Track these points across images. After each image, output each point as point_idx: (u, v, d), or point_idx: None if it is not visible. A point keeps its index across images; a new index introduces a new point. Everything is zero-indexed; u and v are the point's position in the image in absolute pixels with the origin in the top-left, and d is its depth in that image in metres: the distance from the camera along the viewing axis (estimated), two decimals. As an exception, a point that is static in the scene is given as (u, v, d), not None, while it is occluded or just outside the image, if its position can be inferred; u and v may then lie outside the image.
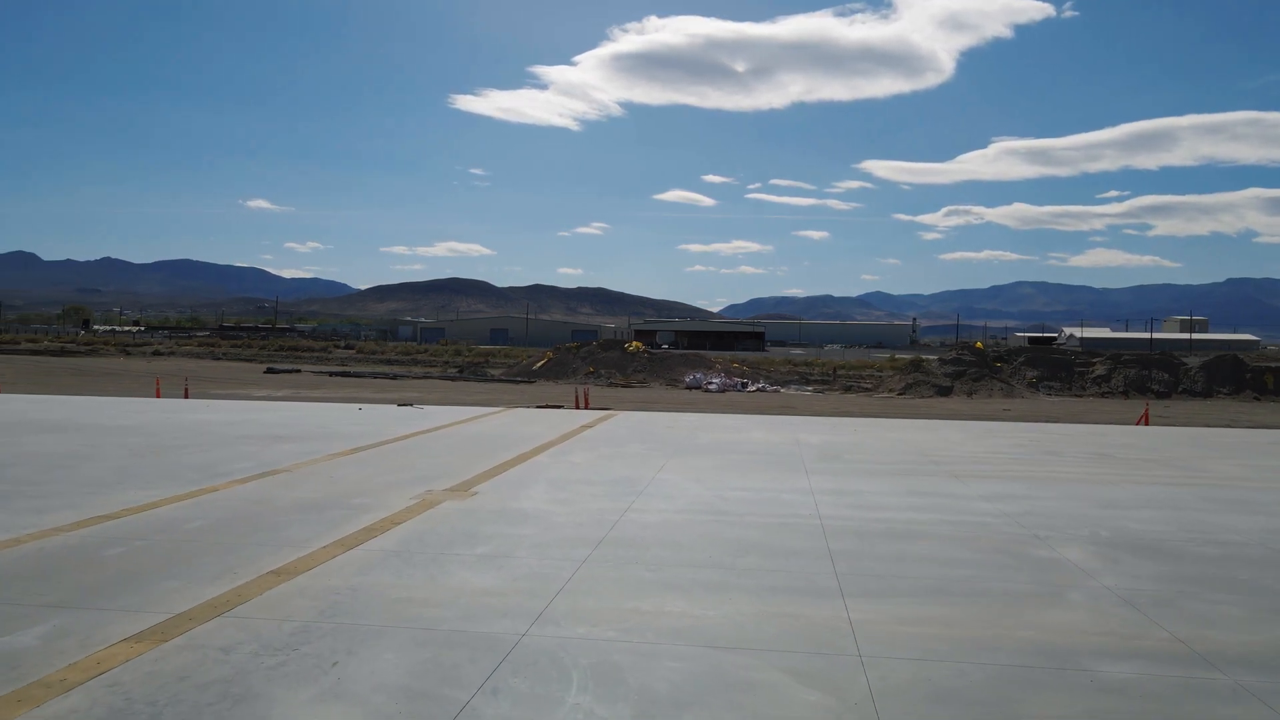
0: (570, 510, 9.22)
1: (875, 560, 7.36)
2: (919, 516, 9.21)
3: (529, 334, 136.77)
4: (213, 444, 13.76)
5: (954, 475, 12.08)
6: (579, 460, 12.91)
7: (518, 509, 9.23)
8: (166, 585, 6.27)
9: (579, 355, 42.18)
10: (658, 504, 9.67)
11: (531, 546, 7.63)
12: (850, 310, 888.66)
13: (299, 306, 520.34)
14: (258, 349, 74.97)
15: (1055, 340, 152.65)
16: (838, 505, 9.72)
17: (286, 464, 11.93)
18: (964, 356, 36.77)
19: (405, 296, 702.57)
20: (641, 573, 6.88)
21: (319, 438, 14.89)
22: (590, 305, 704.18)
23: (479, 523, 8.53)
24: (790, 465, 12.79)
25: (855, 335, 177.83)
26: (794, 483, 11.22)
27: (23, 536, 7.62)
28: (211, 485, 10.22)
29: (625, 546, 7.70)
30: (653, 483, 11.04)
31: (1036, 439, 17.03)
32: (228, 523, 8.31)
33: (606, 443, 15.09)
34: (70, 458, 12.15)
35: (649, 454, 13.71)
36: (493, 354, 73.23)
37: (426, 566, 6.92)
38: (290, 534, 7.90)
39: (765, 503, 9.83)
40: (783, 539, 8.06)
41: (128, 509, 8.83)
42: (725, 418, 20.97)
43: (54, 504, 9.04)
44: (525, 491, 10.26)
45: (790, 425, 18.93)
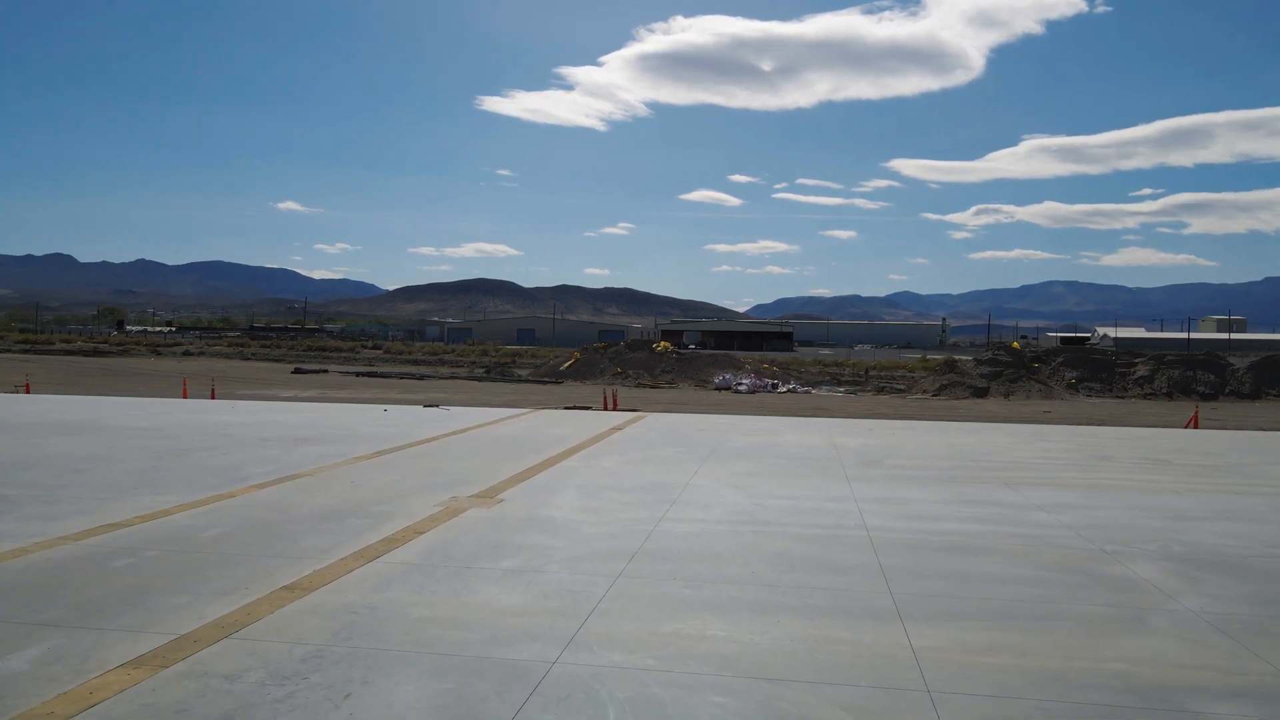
0: (602, 519, 8.74)
1: (932, 578, 6.81)
2: (973, 528, 8.63)
3: (555, 334, 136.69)
4: (234, 446, 13.44)
5: (1004, 482, 11.46)
6: (609, 465, 12.43)
7: (546, 518, 8.76)
8: (173, 602, 5.86)
9: (606, 356, 41.73)
10: (694, 513, 9.17)
11: (562, 560, 7.16)
12: (878, 310, 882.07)
13: (328, 307, 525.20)
14: (286, 349, 75.29)
15: (1088, 340, 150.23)
16: (885, 515, 9.16)
17: (308, 468, 11.55)
18: (1000, 357, 35.85)
19: (433, 297, 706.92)
20: (680, 590, 6.38)
21: (343, 440, 14.54)
22: (617, 305, 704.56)
23: (506, 533, 8.07)
24: (830, 471, 12.23)
25: (884, 335, 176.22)
26: (836, 490, 10.67)
27: (29, 546, 7.26)
28: (230, 490, 9.85)
29: (661, 560, 7.20)
30: (687, 489, 10.54)
31: (1086, 443, 16.32)
32: (243, 531, 7.91)
33: (637, 446, 14.61)
34: (89, 460, 11.86)
35: (681, 458, 13.21)
36: (519, 354, 73.04)
37: (450, 582, 6.46)
38: (307, 544, 7.48)
39: (807, 512, 9.29)
40: (829, 553, 7.52)
41: (141, 516, 8.46)
42: (758, 420, 20.41)
43: (66, 510, 8.70)
44: (554, 498, 9.79)
45: (826, 428, 18.34)
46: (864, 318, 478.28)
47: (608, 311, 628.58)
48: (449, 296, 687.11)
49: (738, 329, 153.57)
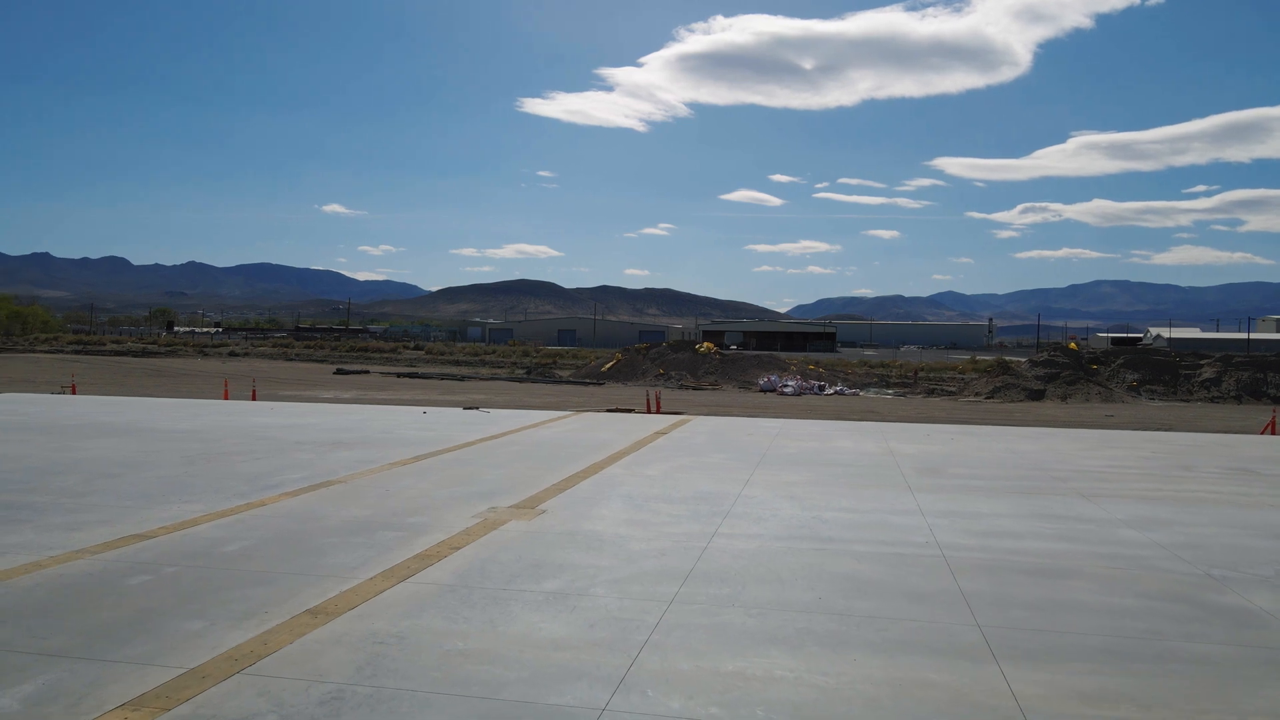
0: (650, 534, 8.13)
1: (1021, 607, 6.09)
2: (1057, 547, 7.87)
3: (596, 335, 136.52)
4: (268, 451, 13.06)
5: (1081, 494, 10.63)
6: (655, 473, 11.82)
7: (590, 532, 8.17)
8: (187, 628, 5.37)
9: (648, 357, 41.11)
10: (748, 527, 8.52)
11: (608, 582, 6.56)
12: (921, 310, 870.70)
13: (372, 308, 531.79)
14: (329, 350, 75.83)
15: (1140, 341, 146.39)
16: (957, 531, 8.43)
17: (341, 474, 11.10)
18: (1056, 358, 34.56)
19: (474, 298, 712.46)
20: (741, 619, 5.74)
21: (379, 444, 14.11)
22: (657, 306, 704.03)
23: (547, 549, 7.50)
24: (889, 480, 11.50)
25: (929, 336, 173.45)
26: (899, 501, 9.94)
27: (45, 560, 6.84)
28: (259, 499, 9.41)
29: (717, 582, 6.57)
30: (739, 500, 9.89)
31: (1160, 450, 15.35)
32: (268, 545, 7.43)
33: (683, 451, 13.98)
34: (121, 465, 11.54)
35: (731, 465, 12.56)
36: (560, 355, 72.76)
37: (486, 607, 5.89)
38: (335, 561, 6.97)
39: (871, 527, 8.59)
40: (902, 575, 6.83)
41: (165, 527, 8.04)
42: (807, 424, 19.66)
43: (89, 519, 8.31)
44: (598, 510, 9.21)
45: (879, 432, 17.55)
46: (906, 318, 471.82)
47: (648, 312, 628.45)
48: (490, 297, 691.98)
49: (780, 329, 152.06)
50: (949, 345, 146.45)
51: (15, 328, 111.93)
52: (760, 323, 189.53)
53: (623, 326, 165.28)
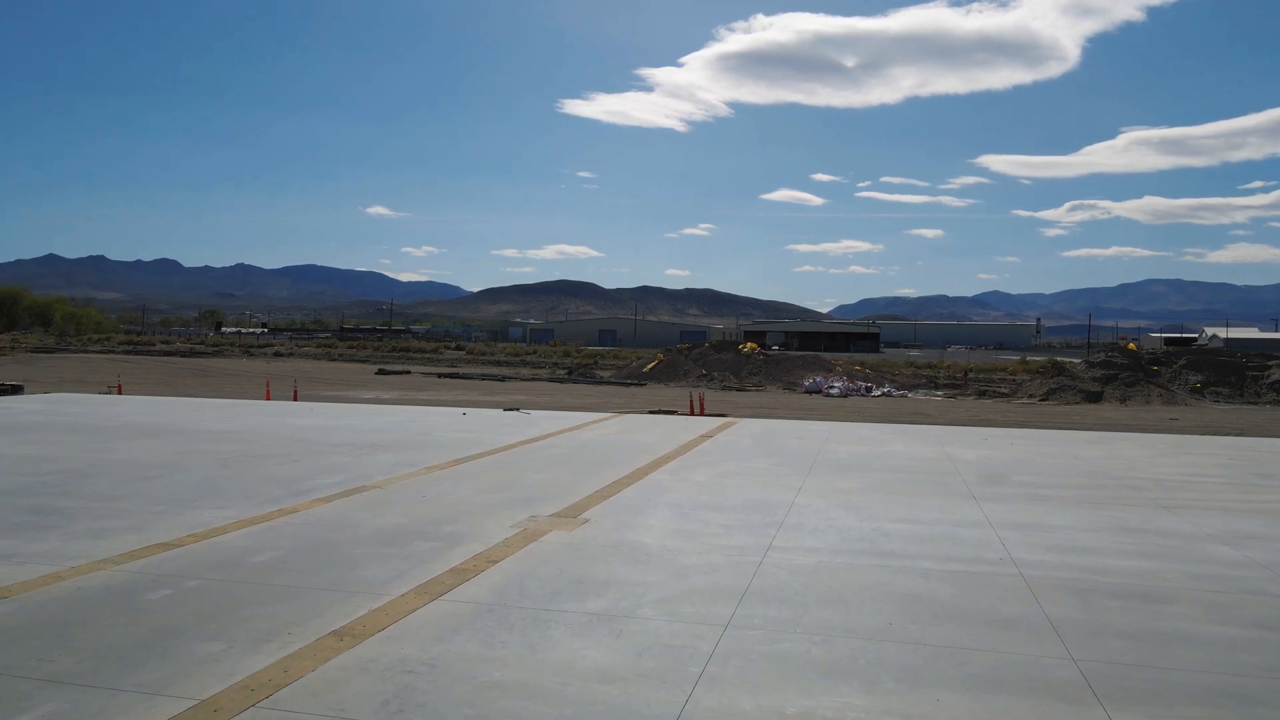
0: (699, 547, 7.62)
1: (1117, 636, 5.47)
2: (1146, 566, 7.20)
3: (637, 335, 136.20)
4: (305, 453, 12.77)
5: (1161, 505, 9.90)
6: (702, 479, 11.30)
7: (636, 544, 7.68)
8: (203, 650, 4.97)
9: (690, 357, 40.52)
10: (805, 539, 7.96)
11: (657, 601, 6.05)
12: (966, 310, 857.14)
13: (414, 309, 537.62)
14: (372, 350, 76.35)
15: (1195, 341, 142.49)
16: (1032, 546, 7.79)
17: (377, 479, 10.74)
18: (1114, 359, 33.31)
19: (515, 298, 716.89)
20: (805, 647, 5.20)
21: (417, 446, 13.76)
22: (697, 306, 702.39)
23: (591, 563, 7.02)
24: (950, 488, 10.85)
25: (974, 336, 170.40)
26: (964, 512, 9.31)
27: (64, 571, 6.52)
28: (292, 505, 9.06)
29: (776, 603, 6.03)
30: (793, 509, 9.33)
31: (1237, 456, 14.46)
32: (297, 556, 7.05)
33: (730, 456, 13.44)
34: (155, 468, 11.30)
35: (781, 471, 11.99)
36: (601, 355, 72.46)
37: (525, 630, 5.42)
38: (365, 574, 6.56)
39: (937, 540, 7.99)
40: (978, 597, 6.23)
41: (193, 534, 7.70)
42: (857, 427, 18.98)
43: (117, 526, 8.01)
44: (643, 519, 8.71)
45: (933, 436, 16.83)
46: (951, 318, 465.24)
47: (688, 312, 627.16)
48: (531, 298, 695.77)
49: (822, 330, 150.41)
50: (995, 346, 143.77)
51: (70, 328, 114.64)
52: (802, 323, 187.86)
53: (663, 327, 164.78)
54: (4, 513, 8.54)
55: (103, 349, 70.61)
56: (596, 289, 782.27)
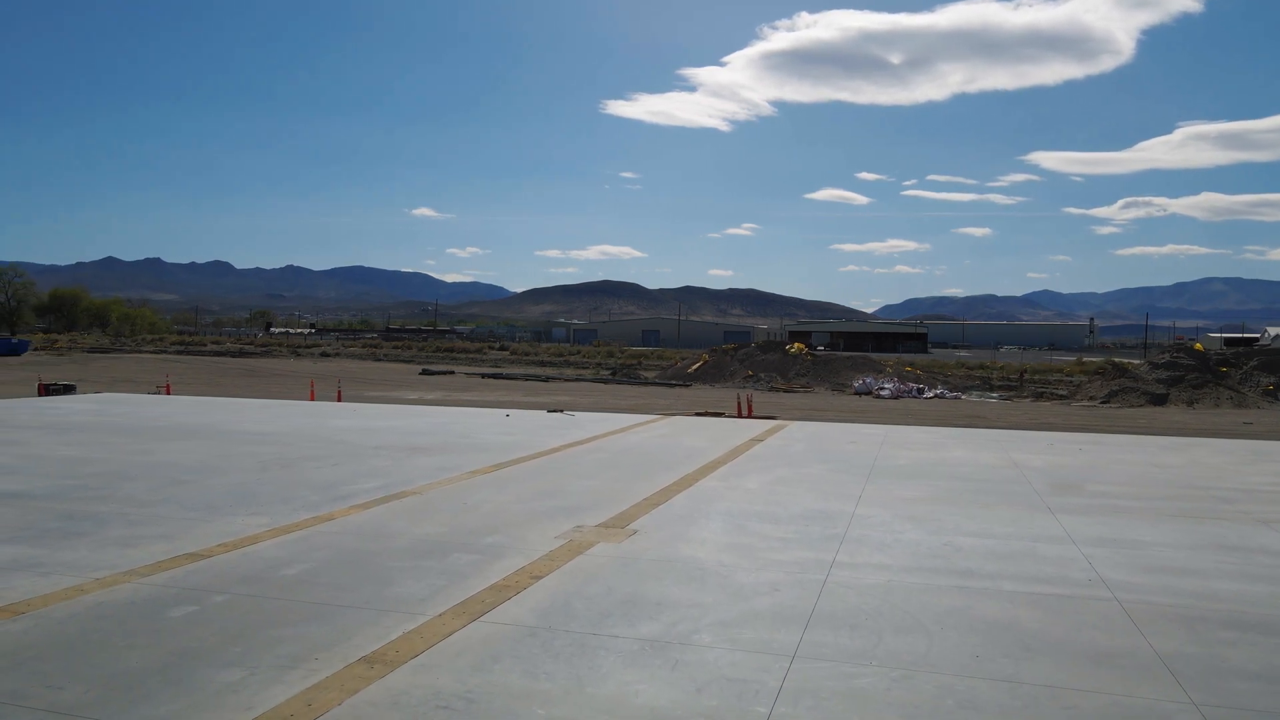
0: (757, 563, 7.07)
1: (1243, 678, 4.82)
2: (1258, 591, 6.50)
3: (680, 336, 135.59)
4: (344, 456, 12.45)
5: (1259, 520, 9.11)
6: (754, 486, 10.74)
7: (689, 559, 7.16)
8: (222, 679, 4.56)
9: (736, 358, 39.84)
10: (870, 554, 7.37)
11: (715, 624, 5.53)
12: (1015, 310, 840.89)
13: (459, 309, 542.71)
14: (416, 350, 76.78)
15: (1258, 341, 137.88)
16: (1123, 566, 7.11)
17: (417, 484, 10.35)
18: (1179, 359, 31.94)
19: (559, 299, 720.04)
20: (884, 684, 4.64)
21: (459, 450, 13.38)
22: (741, 307, 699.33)
23: (641, 580, 6.51)
24: (1021, 498, 10.16)
25: (1024, 336, 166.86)
26: (1040, 525, 8.64)
27: (88, 584, 6.18)
28: (328, 512, 8.69)
29: (846, 629, 5.47)
30: (854, 521, 8.74)
31: (1328, 466, 13.48)
32: (330, 569, 6.65)
33: (782, 461, 12.85)
34: (193, 471, 11.05)
35: (838, 478, 11.38)
36: (645, 356, 72.02)
37: (572, 658, 4.93)
38: (401, 591, 6.12)
39: (1017, 558, 7.34)
40: (1073, 627, 5.61)
41: (224, 544, 7.35)
42: (912, 431, 18.25)
43: (148, 533, 7.70)
44: (695, 530, 8.19)
45: (995, 441, 16.05)
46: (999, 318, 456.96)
47: (732, 313, 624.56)
48: (575, 298, 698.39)
49: (869, 330, 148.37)
50: (1047, 346, 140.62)
51: (125, 329, 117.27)
52: (847, 323, 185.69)
53: (707, 327, 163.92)
54: (38, 518, 8.30)
55: (156, 349, 71.92)
56: (639, 289, 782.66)
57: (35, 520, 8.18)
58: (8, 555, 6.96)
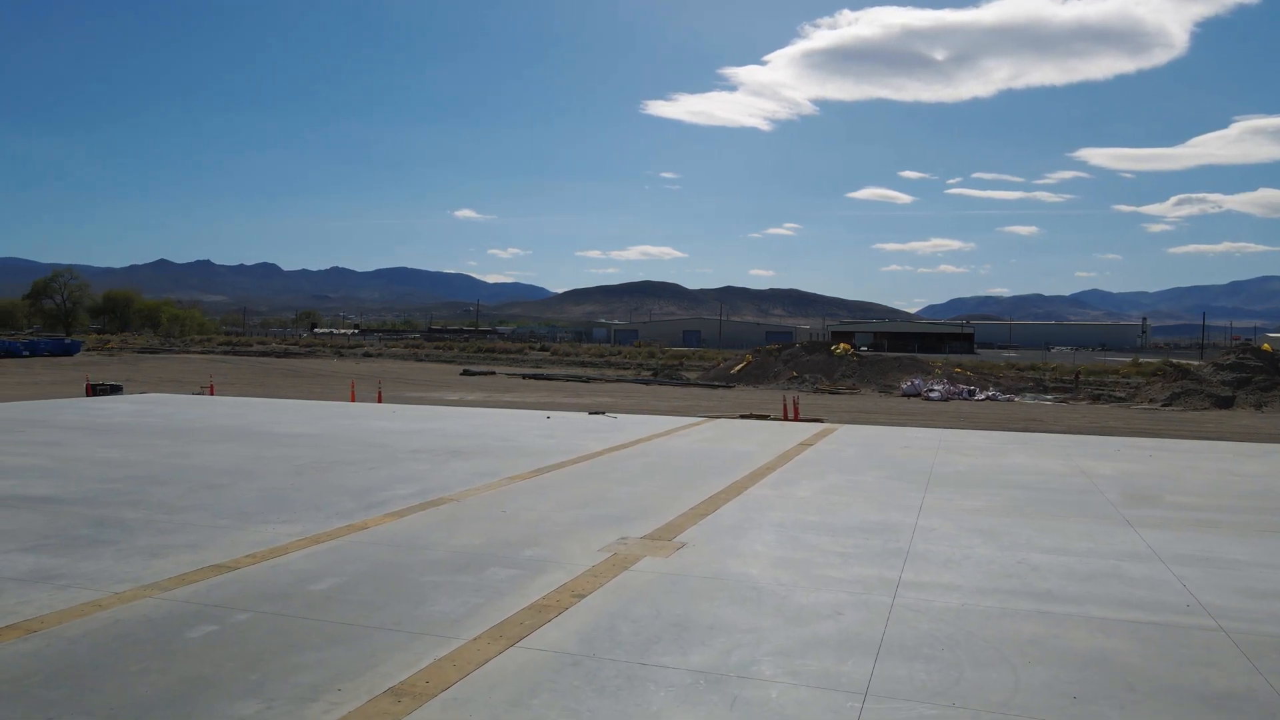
0: (815, 581, 6.54)
1: (1387, 727, 4.19)
2: (1380, 620, 5.82)
3: (721, 336, 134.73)
4: (382, 460, 12.13)
5: (1362, 536, 8.35)
6: (806, 494, 10.20)
7: (742, 576, 6.65)
8: (236, 712, 4.16)
9: (780, 358, 39.12)
10: (939, 573, 6.80)
11: (774, 654, 5.02)
12: (1063, 310, 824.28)
13: (501, 310, 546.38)
14: (458, 350, 77.02)
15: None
16: (1223, 589, 6.46)
17: (455, 490, 9.97)
18: (1246, 360, 30.61)
19: (600, 299, 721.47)
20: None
21: (499, 453, 13.00)
22: (782, 307, 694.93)
23: (691, 600, 6.02)
24: (1095, 510, 9.49)
25: (1074, 337, 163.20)
26: (1121, 541, 7.99)
27: (106, 599, 5.85)
28: (361, 520, 8.33)
29: (921, 661, 4.94)
30: (917, 533, 8.16)
31: None
32: (361, 584, 6.25)
33: (834, 467, 12.27)
34: (228, 475, 10.79)
35: (894, 485, 10.79)
36: (686, 356, 71.46)
37: (619, 693, 4.46)
38: (434, 610, 5.70)
39: (1101, 579, 6.73)
40: (1178, 663, 5.01)
41: (252, 555, 7.00)
42: (968, 435, 17.52)
43: (175, 542, 7.38)
44: (746, 544, 7.68)
45: (1057, 446, 15.28)
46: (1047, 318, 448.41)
47: (773, 313, 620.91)
48: (615, 299, 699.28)
49: (913, 330, 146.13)
50: (1098, 346, 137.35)
51: (175, 329, 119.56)
52: (891, 323, 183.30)
53: (748, 327, 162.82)
54: (67, 523, 8.05)
55: (203, 349, 73.00)
56: (680, 289, 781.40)
57: (64, 527, 7.93)
58: (29, 565, 6.68)
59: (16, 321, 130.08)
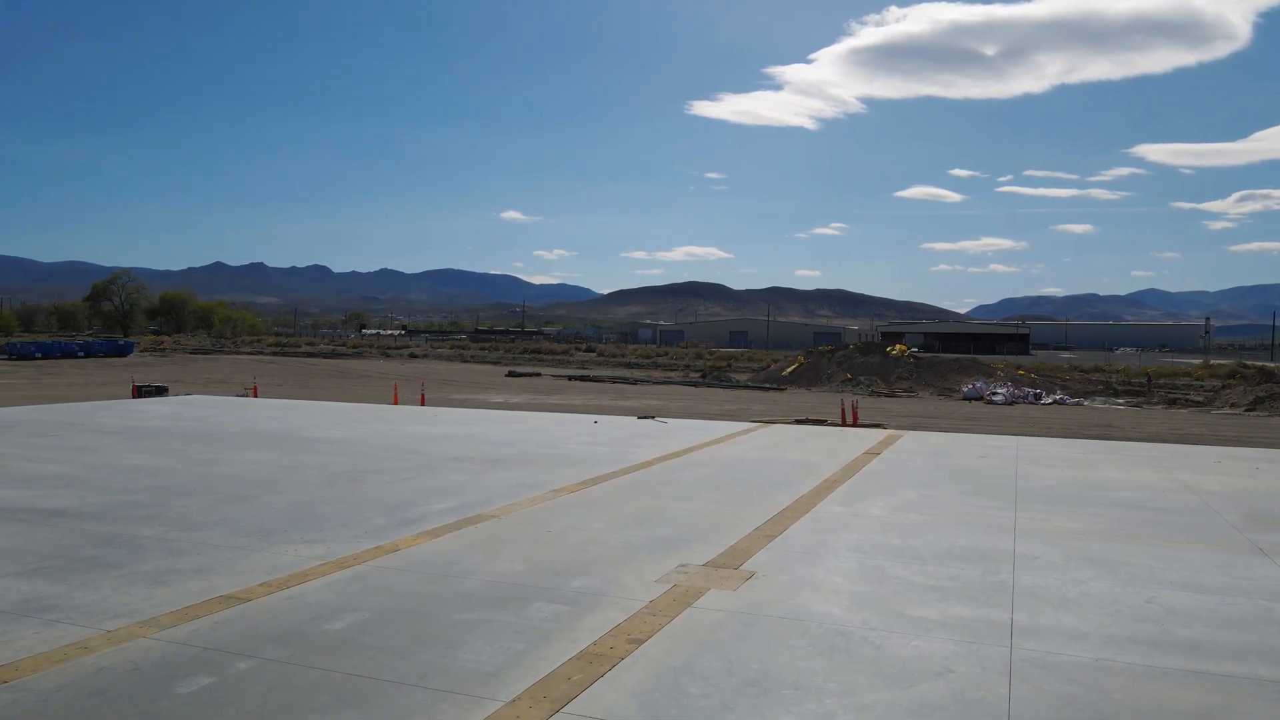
0: (912, 625, 5.57)
1: None
2: None
3: (769, 337, 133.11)
4: (419, 469, 11.38)
5: None
6: (880, 512, 9.19)
7: (824, 616, 5.70)
8: (215, 805, 3.33)
9: (833, 360, 37.87)
10: (1056, 614, 5.78)
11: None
12: (1119, 310, 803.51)
13: (546, 311, 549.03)
14: (504, 351, 76.78)
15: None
16: None
17: (495, 505, 9.15)
18: (1336, 363, 28.77)
19: (645, 300, 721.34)
20: None
21: (543, 462, 12.18)
22: (828, 307, 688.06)
23: (768, 649, 5.09)
24: (1217, 534, 8.35)
25: (1133, 337, 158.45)
26: (1259, 574, 6.88)
27: (95, 638, 5.11)
28: (392, 541, 7.53)
29: (1065, 745, 3.95)
30: (1018, 563, 7.13)
31: None
32: (384, 623, 5.43)
33: (906, 481, 11.23)
34: (257, 484, 10.11)
35: (978, 503, 9.72)
36: (734, 357, 70.31)
37: (691, 786, 3.55)
38: (466, 659, 4.85)
39: (1254, 624, 5.65)
40: (1397, 749, 3.95)
41: (267, 583, 6.23)
42: (1045, 443, 16.30)
43: (186, 566, 6.66)
44: (823, 573, 6.72)
45: (1149, 457, 14.02)
46: (1102, 318, 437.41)
47: (819, 313, 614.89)
48: (660, 299, 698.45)
49: (966, 330, 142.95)
50: (1159, 347, 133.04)
51: (228, 330, 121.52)
52: (942, 323, 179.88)
53: (795, 328, 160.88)
54: (75, 541, 7.38)
55: (253, 350, 73.70)
56: (725, 290, 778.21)
57: (71, 545, 7.26)
58: (23, 594, 5.98)
59: (78, 323, 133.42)
